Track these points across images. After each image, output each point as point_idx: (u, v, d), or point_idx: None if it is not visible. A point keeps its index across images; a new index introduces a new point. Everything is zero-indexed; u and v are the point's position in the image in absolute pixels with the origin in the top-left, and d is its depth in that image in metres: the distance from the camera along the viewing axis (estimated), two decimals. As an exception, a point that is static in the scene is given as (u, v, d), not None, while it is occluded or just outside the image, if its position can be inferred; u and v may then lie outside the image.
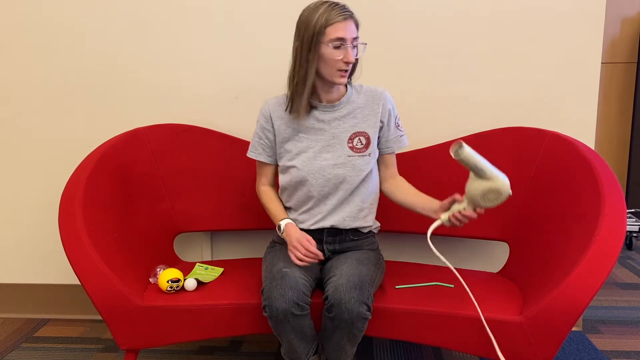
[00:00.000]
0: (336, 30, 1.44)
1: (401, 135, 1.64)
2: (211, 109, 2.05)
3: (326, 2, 1.46)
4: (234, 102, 2.04)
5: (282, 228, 1.56)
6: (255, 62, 2.01)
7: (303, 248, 1.46)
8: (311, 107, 1.57)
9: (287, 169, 1.60)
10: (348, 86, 1.60)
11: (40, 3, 2.03)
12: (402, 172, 1.70)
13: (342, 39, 1.44)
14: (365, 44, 1.52)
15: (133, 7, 2.00)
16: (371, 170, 1.60)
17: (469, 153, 1.32)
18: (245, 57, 2.01)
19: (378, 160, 1.65)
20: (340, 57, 1.45)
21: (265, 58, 2.01)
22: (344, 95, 1.58)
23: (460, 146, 1.30)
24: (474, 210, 1.40)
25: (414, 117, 1.98)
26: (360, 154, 1.57)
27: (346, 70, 1.48)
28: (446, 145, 1.88)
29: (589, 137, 1.95)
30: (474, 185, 1.36)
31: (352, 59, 1.46)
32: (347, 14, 1.45)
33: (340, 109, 1.57)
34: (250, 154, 1.66)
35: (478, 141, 1.85)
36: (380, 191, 1.68)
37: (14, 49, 2.07)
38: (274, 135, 1.61)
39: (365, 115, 1.58)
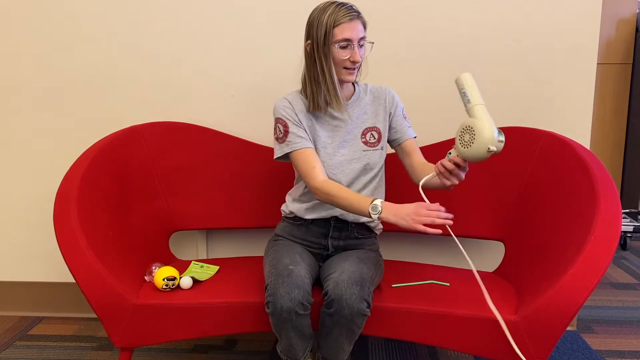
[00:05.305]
0: (342, 31, 1.47)
1: (409, 127, 1.66)
2: (207, 107, 2.05)
3: (334, 2, 1.49)
4: (230, 100, 2.04)
5: (379, 207, 1.39)
6: (251, 61, 2.01)
7: (430, 210, 1.33)
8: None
9: None
10: (355, 85, 1.64)
11: (37, 2, 2.02)
12: (400, 170, 1.70)
13: (348, 40, 1.48)
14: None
15: (129, 6, 2.00)
16: (382, 166, 1.65)
17: (465, 80, 1.35)
18: (241, 55, 2.01)
19: (400, 153, 1.65)
20: (347, 57, 1.49)
21: (262, 56, 2.00)
22: (353, 94, 1.63)
23: (463, 74, 1.34)
24: (462, 159, 1.36)
25: (411, 116, 1.97)
26: (373, 148, 1.61)
27: (353, 68, 1.52)
28: (444, 144, 1.88)
29: (585, 137, 1.95)
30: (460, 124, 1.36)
31: (359, 59, 1.50)
32: (354, 15, 1.48)
33: (351, 107, 1.62)
34: (295, 145, 1.54)
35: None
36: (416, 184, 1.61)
37: (9, 48, 2.05)
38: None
39: (374, 110, 1.64)
